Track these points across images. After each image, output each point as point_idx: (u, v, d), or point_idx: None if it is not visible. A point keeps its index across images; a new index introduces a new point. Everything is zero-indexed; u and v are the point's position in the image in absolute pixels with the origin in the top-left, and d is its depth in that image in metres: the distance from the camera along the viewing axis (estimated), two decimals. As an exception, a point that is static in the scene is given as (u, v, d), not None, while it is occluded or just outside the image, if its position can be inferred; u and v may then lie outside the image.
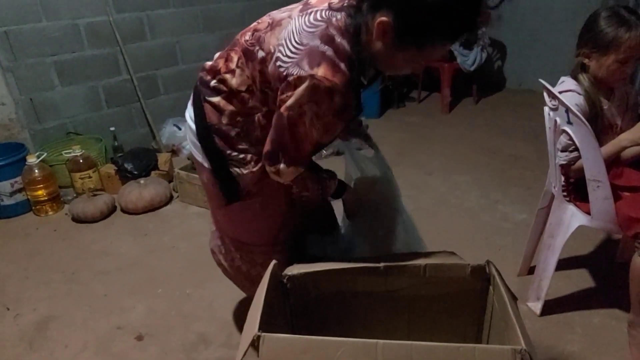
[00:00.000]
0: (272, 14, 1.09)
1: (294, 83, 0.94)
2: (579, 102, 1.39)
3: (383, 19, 0.89)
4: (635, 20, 1.32)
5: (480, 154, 3.05)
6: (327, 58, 0.93)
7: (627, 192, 1.44)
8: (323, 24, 0.95)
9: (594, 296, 1.72)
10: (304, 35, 0.96)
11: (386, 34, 0.91)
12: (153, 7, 3.01)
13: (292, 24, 0.99)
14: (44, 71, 2.68)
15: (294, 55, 0.95)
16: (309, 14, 0.98)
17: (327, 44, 0.94)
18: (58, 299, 1.88)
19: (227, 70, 1.11)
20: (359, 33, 0.95)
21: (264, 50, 1.03)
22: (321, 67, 0.92)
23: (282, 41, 0.98)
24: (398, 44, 0.92)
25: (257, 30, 1.07)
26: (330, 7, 0.98)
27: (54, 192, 2.56)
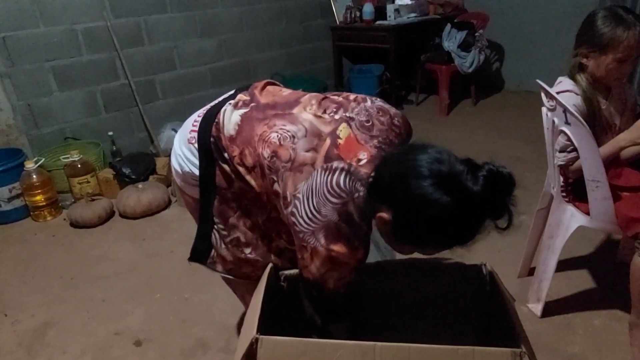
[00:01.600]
0: (297, 140, 0.97)
1: (311, 252, 0.93)
2: (577, 103, 1.39)
3: (383, 215, 0.86)
4: (633, 19, 1.32)
5: (479, 155, 3.00)
6: (344, 238, 0.91)
7: (626, 192, 1.44)
8: (345, 197, 0.90)
9: (594, 297, 1.71)
10: (322, 204, 0.90)
11: (386, 227, 0.89)
12: (150, 12, 3.01)
13: (313, 178, 0.92)
14: (41, 76, 2.68)
15: (310, 223, 0.92)
16: (332, 172, 0.91)
17: (346, 222, 0.90)
18: (56, 304, 1.87)
19: (241, 163, 1.05)
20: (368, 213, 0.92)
21: (279, 187, 0.98)
22: (338, 245, 0.91)
23: (300, 196, 0.93)
24: (395, 238, 0.91)
25: (277, 157, 0.98)
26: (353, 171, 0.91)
27: (52, 197, 2.56)
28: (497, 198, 0.79)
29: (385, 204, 0.86)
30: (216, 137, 1.08)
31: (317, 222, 0.91)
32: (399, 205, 0.84)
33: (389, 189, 0.86)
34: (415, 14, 4.00)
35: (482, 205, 0.79)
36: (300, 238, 0.94)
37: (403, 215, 0.84)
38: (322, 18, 4.05)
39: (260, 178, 1.03)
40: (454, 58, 3.73)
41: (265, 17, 3.64)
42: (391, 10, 3.87)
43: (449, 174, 0.80)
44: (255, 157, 1.02)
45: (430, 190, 0.79)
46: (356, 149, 0.94)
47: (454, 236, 0.85)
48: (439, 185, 0.79)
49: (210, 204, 1.14)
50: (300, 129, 0.99)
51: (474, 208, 0.80)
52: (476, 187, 0.79)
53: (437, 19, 4.04)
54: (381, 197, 0.87)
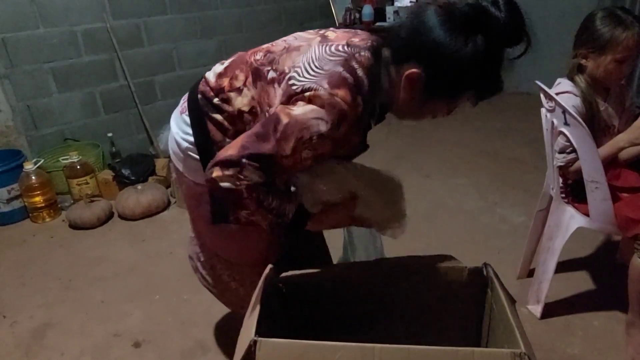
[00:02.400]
0: (288, 40, 1.06)
1: (309, 97, 0.89)
2: (576, 104, 1.39)
3: (413, 70, 0.88)
4: (632, 20, 1.32)
5: (478, 156, 3.05)
6: (348, 85, 0.89)
7: (625, 193, 1.44)
8: (346, 54, 0.93)
9: (594, 298, 1.71)
10: (324, 62, 0.92)
11: (414, 86, 0.90)
12: (150, 14, 3.01)
13: (312, 50, 0.96)
14: (41, 78, 2.67)
15: (312, 76, 0.91)
16: (330, 45, 0.96)
17: (349, 73, 0.90)
18: (55, 306, 1.87)
19: (231, 88, 1.06)
20: (379, 78, 0.94)
21: (276, 70, 0.99)
22: (342, 89, 0.89)
23: (300, 64, 0.94)
24: (427, 94, 0.92)
25: (270, 52, 1.04)
26: (352, 43, 0.96)
27: (51, 198, 2.55)
28: (518, 21, 0.85)
29: (413, 60, 0.88)
30: (203, 90, 1.09)
31: (319, 74, 0.91)
32: (432, 57, 0.86)
33: (415, 46, 0.88)
34: (415, 15, 4.01)
35: (508, 32, 0.84)
36: (299, 92, 0.90)
37: (438, 66, 0.87)
38: (322, 19, 4.05)
39: (252, 86, 1.03)
40: (453, 59, 3.73)
41: (265, 18, 3.65)
42: (390, 11, 3.88)
43: (476, 11, 0.84)
44: (247, 69, 1.04)
45: (463, 32, 0.83)
46: (347, 37, 0.98)
47: (487, 72, 0.88)
48: (469, 24, 0.84)
49: None
50: (289, 37, 1.06)
51: (502, 36, 0.85)
52: (502, 14, 0.83)
53: (436, 20, 4.05)
54: (405, 56, 0.89)
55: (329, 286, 1.09)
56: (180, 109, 1.18)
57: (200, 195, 1.16)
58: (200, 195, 1.16)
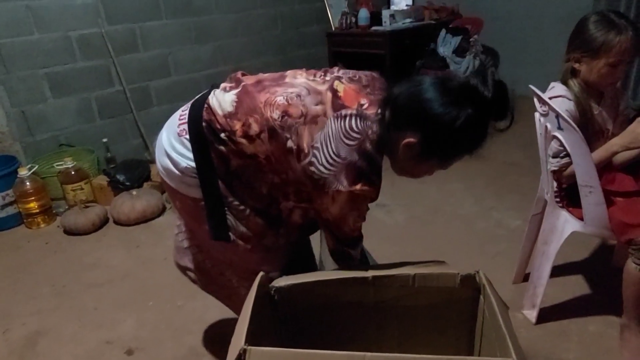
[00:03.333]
0: (303, 98, 1.05)
1: (333, 195, 1.01)
2: (569, 108, 1.39)
3: (410, 140, 0.99)
4: (625, 23, 1.32)
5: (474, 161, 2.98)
6: (364, 175, 1.00)
7: (620, 197, 1.43)
8: (360, 137, 1.00)
9: (589, 303, 1.70)
10: (341, 147, 0.99)
11: (412, 152, 1.01)
12: (145, 19, 3.01)
13: (328, 127, 1.01)
14: (35, 83, 2.67)
15: (331, 168, 0.99)
16: (344, 118, 1.01)
17: (364, 160, 0.99)
18: (48, 313, 1.85)
19: (243, 135, 1.06)
20: (386, 143, 1.03)
21: (294, 142, 1.03)
22: (359, 184, 0.99)
23: (318, 145, 1.00)
24: (421, 158, 1.03)
25: (288, 115, 1.04)
26: (363, 113, 1.02)
27: (45, 204, 2.54)
28: (503, 100, 0.96)
29: (410, 129, 0.99)
30: (208, 120, 1.09)
31: (337, 165, 0.99)
32: (427, 126, 0.97)
33: (413, 116, 0.99)
34: (411, 19, 4.01)
35: (494, 107, 0.96)
36: (321, 185, 1.01)
37: (432, 134, 0.98)
38: (318, 24, 4.06)
39: (267, 143, 1.05)
40: (449, 64, 3.73)
41: (261, 23, 3.65)
42: (386, 15, 3.88)
43: (467, 87, 0.95)
44: (262, 122, 1.05)
45: (455, 104, 0.94)
46: (356, 98, 1.05)
47: (475, 140, 1.00)
48: (461, 98, 0.95)
49: (215, 187, 1.12)
50: (302, 90, 1.08)
51: (490, 111, 0.96)
52: (488, 92, 0.94)
53: (432, 24, 4.05)
54: (404, 126, 1.00)
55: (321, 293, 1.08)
56: (177, 130, 1.14)
57: (198, 210, 1.16)
58: (198, 209, 1.16)
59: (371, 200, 1.06)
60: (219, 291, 1.41)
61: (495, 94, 0.94)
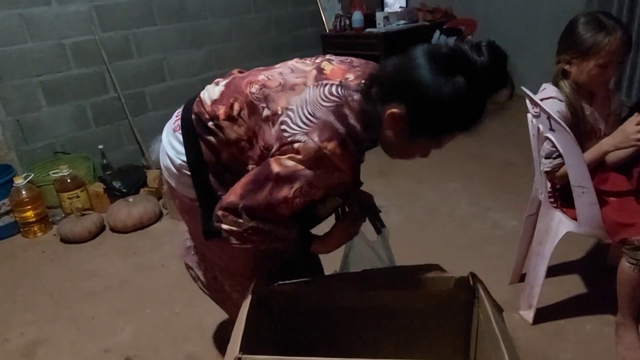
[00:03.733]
0: (284, 74, 1.04)
1: (298, 149, 0.92)
2: (561, 109, 1.40)
3: (394, 110, 0.89)
4: (614, 24, 1.32)
5: (470, 161, 3.05)
6: (339, 136, 0.92)
7: (613, 197, 1.44)
8: (339, 100, 0.94)
9: (585, 302, 1.71)
10: (317, 108, 0.93)
11: (397, 125, 0.91)
12: (139, 25, 3.01)
13: (307, 92, 0.97)
14: (30, 92, 2.67)
15: (304, 126, 0.93)
16: (324, 86, 0.96)
17: (340, 122, 0.92)
18: (46, 322, 1.85)
19: (226, 117, 1.05)
20: (371, 118, 0.95)
21: (270, 108, 1.00)
22: (332, 142, 0.91)
23: (293, 107, 0.95)
24: (410, 134, 0.93)
25: (265, 86, 1.03)
26: (345, 84, 0.97)
27: (42, 213, 2.54)
28: (499, 67, 0.86)
29: (396, 100, 0.89)
30: (198, 112, 1.09)
31: (311, 124, 0.92)
32: (413, 96, 0.87)
33: (398, 85, 0.90)
34: (405, 21, 4.02)
35: (489, 75, 0.85)
36: (289, 141, 0.92)
37: (419, 105, 0.88)
38: (312, 27, 4.07)
39: (247, 120, 1.04)
40: (444, 64, 3.74)
41: (255, 26, 3.65)
42: (380, 17, 3.89)
43: (455, 53, 0.86)
44: (242, 100, 1.04)
45: (444, 72, 0.84)
46: (343, 73, 1.00)
47: (469, 114, 0.89)
48: (450, 65, 0.85)
49: (207, 179, 1.12)
50: (286, 69, 1.06)
51: (483, 79, 0.85)
52: (482, 58, 0.84)
53: (426, 25, 4.06)
54: (389, 96, 0.90)
55: (317, 298, 1.09)
56: (173, 126, 1.17)
57: (193, 210, 1.17)
58: (193, 209, 1.17)
59: (339, 175, 0.94)
60: (213, 295, 1.41)
61: (490, 61, 0.84)
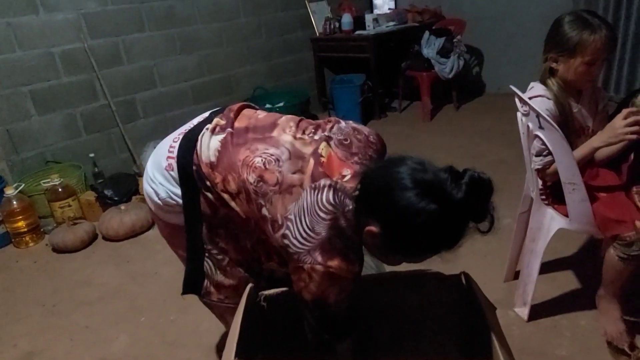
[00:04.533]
0: (282, 163, 0.99)
1: (308, 271, 0.93)
2: (549, 107, 1.40)
3: (371, 228, 0.88)
4: (599, 22, 1.34)
5: (463, 160, 3.06)
6: (339, 252, 0.92)
7: (603, 192, 1.45)
8: (335, 212, 0.92)
9: (579, 298, 1.72)
10: (315, 222, 0.92)
11: (374, 240, 0.90)
12: (128, 32, 3.01)
13: (303, 199, 0.94)
14: (19, 101, 2.65)
15: (305, 242, 0.92)
16: (321, 190, 0.94)
17: (339, 237, 0.92)
18: (39, 333, 1.83)
19: (224, 190, 1.03)
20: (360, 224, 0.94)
21: (269, 212, 0.98)
22: (335, 260, 0.92)
23: (292, 217, 0.94)
24: (385, 250, 0.93)
25: (263, 181, 0.98)
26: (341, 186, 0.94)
27: (33, 222, 2.52)
28: (479, 203, 0.83)
29: (373, 217, 0.88)
30: (197, 165, 1.05)
31: (311, 241, 0.92)
32: (387, 218, 0.86)
33: (375, 204, 0.88)
34: (394, 22, 4.04)
35: (466, 210, 0.82)
36: (296, 259, 0.94)
37: (391, 227, 0.86)
38: (302, 30, 4.08)
39: (245, 204, 1.02)
40: (434, 64, 3.77)
41: (245, 31, 3.66)
42: (370, 19, 3.91)
43: (432, 183, 0.83)
44: (239, 182, 1.01)
45: (416, 199, 0.81)
46: (339, 167, 0.97)
47: (441, 241, 0.87)
48: (424, 194, 0.82)
49: (199, 233, 1.11)
50: (284, 152, 1.00)
51: (458, 214, 0.82)
52: (459, 194, 0.81)
53: (415, 26, 4.09)
54: (368, 212, 0.89)
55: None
56: (165, 164, 1.11)
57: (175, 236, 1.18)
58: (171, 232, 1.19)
59: (352, 277, 0.96)
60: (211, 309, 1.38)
61: (468, 194, 0.81)
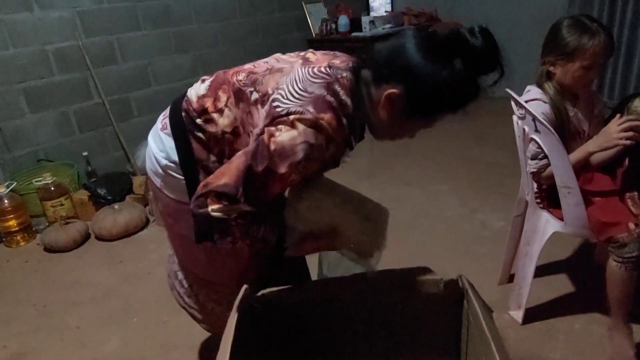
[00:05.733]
0: (270, 62, 1.06)
1: (293, 120, 0.89)
2: (545, 111, 1.41)
3: (393, 91, 0.91)
4: (597, 27, 1.34)
5: (458, 162, 3.07)
6: (333, 109, 0.91)
7: (598, 197, 1.45)
8: (329, 77, 0.94)
9: (574, 301, 1.72)
10: (308, 84, 0.93)
11: (393, 105, 0.93)
12: (123, 30, 2.98)
13: (295, 71, 0.97)
14: (12, 98, 2.62)
15: (297, 100, 0.92)
16: (312, 67, 0.97)
17: (333, 96, 0.92)
18: (29, 334, 1.81)
19: (215, 109, 1.05)
20: (361, 99, 0.97)
21: (259, 91, 0.99)
22: (328, 114, 0.90)
23: (283, 85, 0.95)
24: (405, 114, 0.95)
25: (253, 73, 1.04)
26: (333, 64, 0.97)
27: (25, 222, 2.49)
28: (492, 50, 0.90)
29: (393, 81, 0.92)
30: (186, 109, 1.08)
31: (304, 98, 0.92)
32: (411, 77, 0.90)
33: (395, 66, 0.92)
34: (391, 24, 4.05)
35: (484, 58, 0.89)
36: (283, 114, 0.90)
37: (417, 86, 0.91)
38: (298, 31, 4.07)
39: (235, 107, 1.03)
40: (430, 67, 3.77)
41: (241, 32, 3.64)
42: (366, 21, 3.91)
43: (454, 36, 0.89)
44: (229, 89, 1.04)
45: (441, 54, 0.88)
46: (328, 59, 1.00)
47: (464, 95, 0.93)
48: (447, 48, 0.89)
49: (197, 178, 1.10)
50: (271, 59, 1.07)
51: (479, 62, 0.89)
52: (477, 41, 0.88)
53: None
54: (385, 76, 0.93)
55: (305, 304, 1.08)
56: (160, 125, 1.15)
57: (178, 213, 1.15)
58: (178, 212, 1.15)
59: (333, 149, 0.93)
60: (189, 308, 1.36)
61: (484, 44, 0.88)
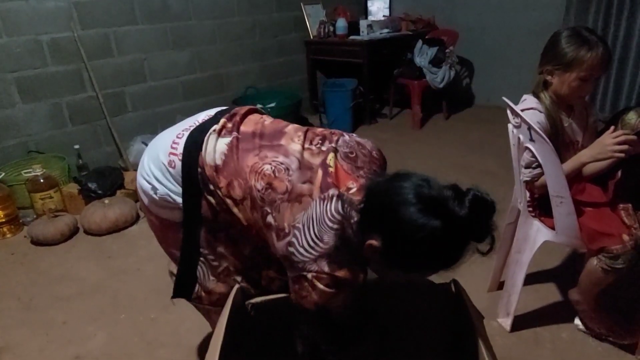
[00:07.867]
0: (291, 172, 0.98)
1: (312, 280, 0.92)
2: (540, 120, 1.42)
3: (372, 242, 0.88)
4: (596, 40, 1.36)
5: (451, 169, 3.09)
6: (346, 262, 0.93)
7: (589, 207, 1.47)
8: (342, 222, 0.93)
9: (562, 310, 1.73)
10: (323, 231, 0.92)
11: (375, 254, 0.90)
12: (120, 24, 2.96)
13: (313, 208, 0.93)
14: (3, 88, 2.58)
15: (312, 251, 0.92)
16: (330, 200, 0.93)
17: (345, 247, 0.92)
18: (13, 328, 1.78)
19: (228, 195, 1.02)
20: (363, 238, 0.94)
21: (275, 219, 0.96)
22: (342, 271, 0.92)
23: (300, 225, 0.93)
24: (385, 265, 0.93)
25: (272, 189, 0.97)
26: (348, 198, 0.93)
27: (12, 213, 2.45)
28: (481, 222, 0.83)
29: (375, 231, 0.88)
30: (202, 169, 1.03)
31: (318, 250, 0.92)
32: (389, 232, 0.86)
33: (378, 217, 0.88)
34: (388, 29, 4.07)
35: (468, 228, 0.82)
36: (300, 268, 0.93)
37: (393, 241, 0.86)
38: (296, 32, 4.07)
39: (249, 211, 1.01)
40: (426, 74, 3.80)
41: (239, 30, 3.63)
42: (364, 25, 3.93)
43: (436, 199, 0.83)
44: (245, 189, 0.99)
45: (419, 215, 0.82)
46: (345, 179, 0.97)
47: (441, 259, 0.87)
48: (427, 210, 0.82)
49: (196, 236, 1.09)
50: (293, 161, 1.00)
51: (460, 231, 0.82)
52: (462, 211, 0.81)
53: (409, 35, 4.12)
54: (371, 226, 0.89)
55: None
56: (166, 160, 1.08)
57: (166, 231, 1.17)
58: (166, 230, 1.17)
59: (357, 287, 0.96)
60: None
61: (471, 212, 0.81)
